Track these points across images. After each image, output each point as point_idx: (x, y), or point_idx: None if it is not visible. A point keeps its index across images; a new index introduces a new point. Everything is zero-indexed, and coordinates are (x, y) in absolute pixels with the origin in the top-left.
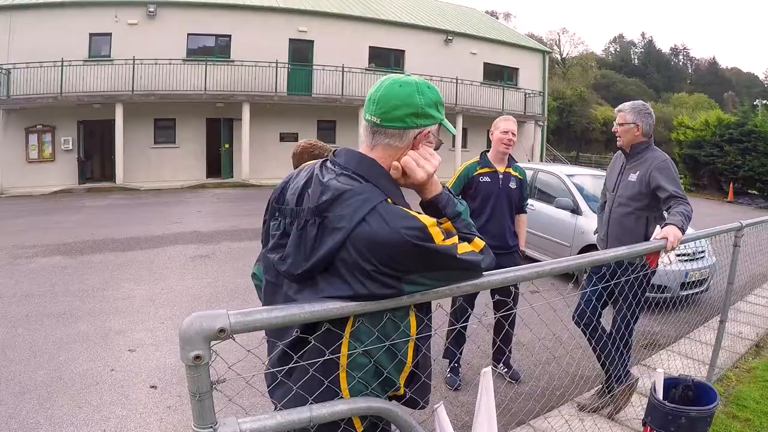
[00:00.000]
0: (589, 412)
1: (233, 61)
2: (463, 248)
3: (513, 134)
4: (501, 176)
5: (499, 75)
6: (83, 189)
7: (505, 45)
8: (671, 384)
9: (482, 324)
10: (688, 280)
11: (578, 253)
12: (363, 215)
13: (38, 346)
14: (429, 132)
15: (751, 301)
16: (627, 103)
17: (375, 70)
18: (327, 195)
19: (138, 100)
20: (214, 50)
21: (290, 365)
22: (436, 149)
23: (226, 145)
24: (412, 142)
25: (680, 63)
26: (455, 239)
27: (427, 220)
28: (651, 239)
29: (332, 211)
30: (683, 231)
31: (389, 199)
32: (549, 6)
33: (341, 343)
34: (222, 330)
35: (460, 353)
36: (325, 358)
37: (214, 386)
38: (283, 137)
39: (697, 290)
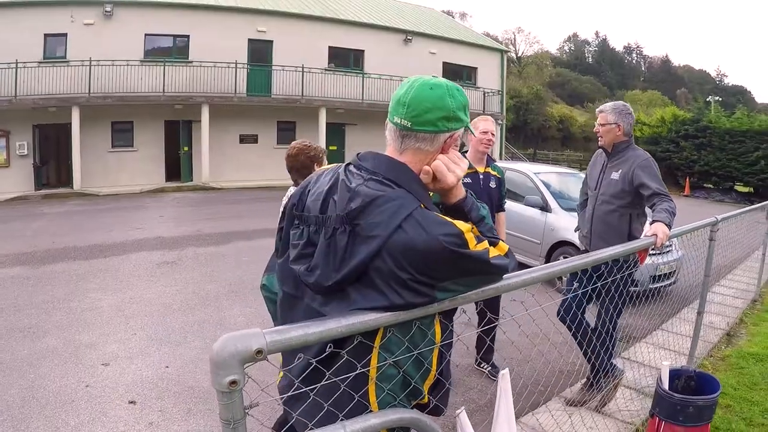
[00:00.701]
0: (575, 406)
1: (192, 61)
2: (493, 253)
3: (492, 134)
4: (482, 176)
5: (458, 74)
6: (40, 195)
7: (464, 44)
8: (674, 375)
9: (471, 323)
10: (657, 273)
11: (549, 250)
12: (399, 222)
13: (6, 363)
14: (458, 136)
15: (719, 292)
16: (608, 104)
17: (335, 71)
18: (357, 201)
19: (95, 102)
20: (173, 51)
21: (324, 382)
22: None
23: (185, 148)
24: (441, 146)
25: (633, 61)
26: (486, 244)
27: (462, 225)
28: (641, 236)
29: (364, 219)
30: (670, 227)
31: (423, 205)
32: (504, 6)
33: (371, 355)
34: (259, 351)
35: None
36: (357, 372)
37: (247, 412)
38: (243, 139)
39: (665, 283)
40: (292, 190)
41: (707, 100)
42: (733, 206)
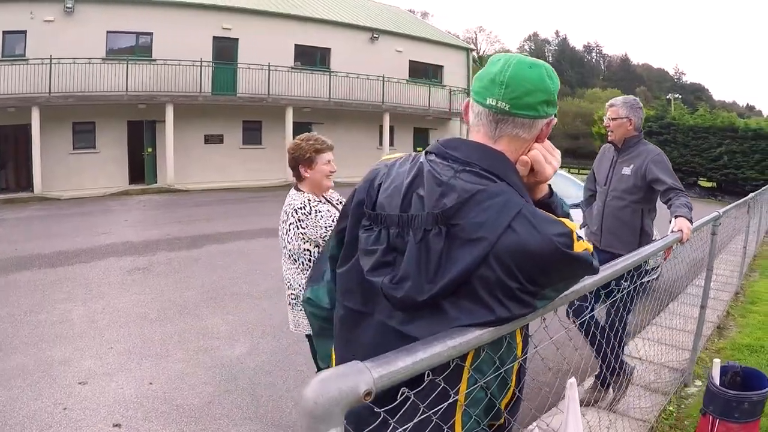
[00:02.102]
0: (587, 405)
1: (155, 60)
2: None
3: None
4: None
5: (424, 73)
6: None
7: (430, 43)
8: (721, 372)
9: None
10: (645, 268)
11: None
12: (509, 221)
13: None
14: (554, 123)
15: (701, 285)
16: (619, 98)
17: (301, 69)
18: (452, 197)
19: (55, 102)
20: (136, 49)
21: (418, 417)
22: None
23: (149, 149)
24: (537, 134)
25: (593, 60)
26: (584, 244)
27: (570, 224)
28: (668, 232)
29: (464, 218)
30: (692, 222)
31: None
32: (466, 5)
33: (463, 379)
34: (368, 393)
35: None
36: (451, 400)
37: None
38: (208, 139)
39: (652, 277)
40: (294, 192)
41: (667, 97)
42: (697, 201)
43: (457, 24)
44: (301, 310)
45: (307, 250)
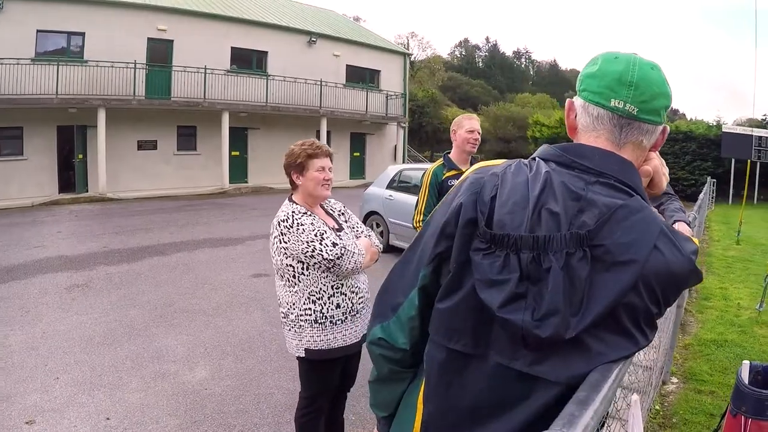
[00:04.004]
0: None
1: (87, 61)
2: None
3: (478, 133)
4: None
5: (361, 77)
6: None
7: (367, 47)
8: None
9: None
10: None
11: None
12: (654, 241)
13: None
14: (667, 131)
15: None
16: None
17: (237, 72)
18: (592, 214)
19: None
20: (67, 49)
21: None
22: None
23: (80, 156)
24: (654, 143)
25: (523, 65)
26: None
27: (695, 239)
28: None
29: (608, 238)
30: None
31: None
32: (398, 10)
33: None
34: None
35: None
36: None
37: None
38: (141, 145)
39: None
40: (285, 203)
41: None
42: None
43: (390, 29)
44: (290, 329)
45: (290, 265)
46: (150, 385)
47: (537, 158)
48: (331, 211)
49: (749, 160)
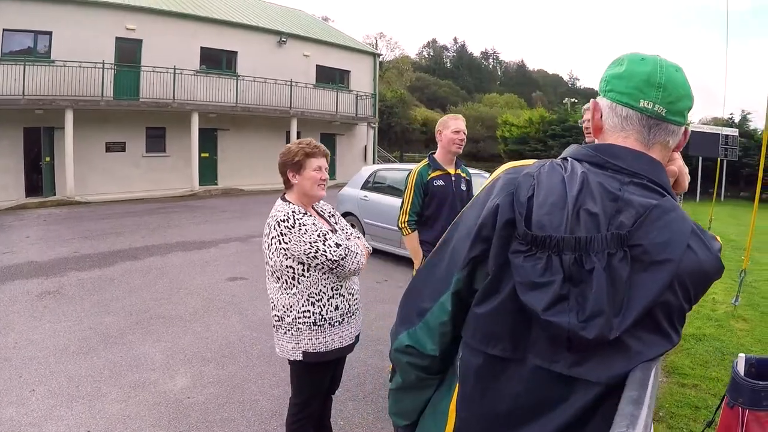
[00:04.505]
0: None
1: (54, 61)
2: None
3: (464, 133)
4: (453, 178)
5: (331, 77)
6: None
7: (337, 47)
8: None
9: None
10: None
11: None
12: (687, 240)
13: None
14: (688, 132)
15: None
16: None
17: (207, 73)
18: (629, 214)
19: None
20: (33, 49)
21: None
22: None
23: (47, 159)
24: (677, 144)
25: (490, 66)
26: None
27: (719, 239)
28: None
29: (644, 238)
30: None
31: None
32: (366, 11)
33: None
34: None
35: None
36: None
37: None
38: (110, 147)
39: None
40: (279, 203)
41: (563, 102)
42: None
43: (358, 30)
44: (285, 333)
45: (290, 267)
46: (130, 395)
47: (569, 158)
48: (321, 213)
49: (718, 159)
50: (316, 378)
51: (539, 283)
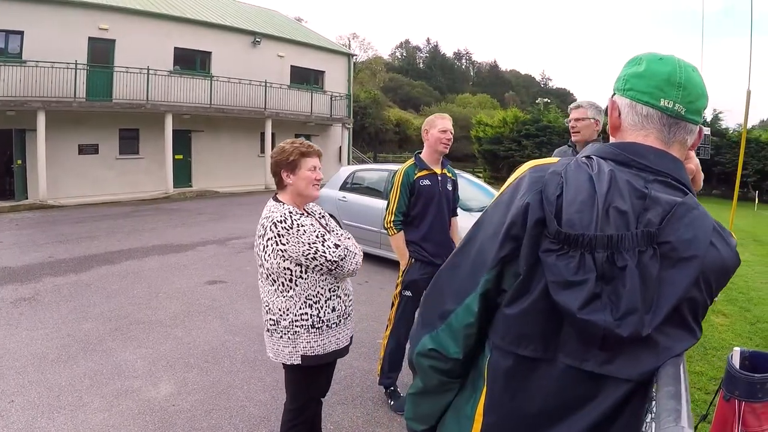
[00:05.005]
0: None
1: (26, 62)
2: None
3: (451, 132)
4: (440, 178)
5: (305, 78)
6: None
7: (312, 48)
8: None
9: None
10: None
11: None
12: (710, 237)
13: None
14: (702, 132)
15: None
16: (584, 100)
17: (181, 73)
18: (656, 211)
19: None
20: (4, 49)
21: None
22: None
23: (19, 161)
24: (693, 142)
25: (463, 66)
26: None
27: (734, 235)
28: None
29: (672, 235)
30: None
31: None
32: (340, 12)
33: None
34: None
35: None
36: None
37: None
38: (82, 149)
39: None
40: (272, 203)
41: (536, 101)
42: None
43: (331, 30)
44: (281, 337)
45: (288, 269)
46: (113, 404)
47: (594, 156)
48: (312, 214)
49: None
50: (314, 381)
51: (573, 281)
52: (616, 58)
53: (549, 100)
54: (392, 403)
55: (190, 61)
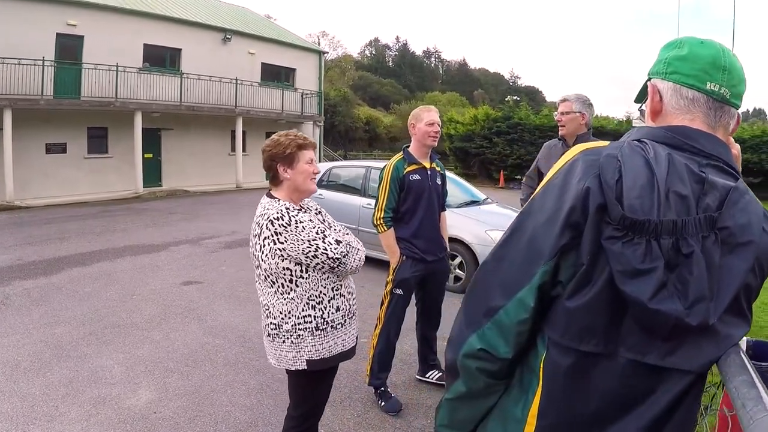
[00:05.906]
0: None
1: None
2: None
3: (439, 125)
4: (429, 172)
5: (276, 75)
6: None
7: (283, 45)
8: None
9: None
10: None
11: None
12: (762, 223)
13: None
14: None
15: None
16: (572, 93)
17: (150, 71)
18: (714, 196)
19: None
20: None
21: None
22: None
23: None
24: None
25: (432, 64)
26: None
27: None
28: None
29: (729, 220)
30: None
31: None
32: (309, 9)
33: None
34: None
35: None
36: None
37: None
38: (50, 148)
39: None
40: (266, 200)
41: (506, 99)
42: None
43: (301, 28)
44: (284, 341)
45: (287, 269)
46: (91, 414)
47: (647, 140)
48: (309, 209)
49: None
50: (321, 386)
51: (642, 270)
52: (584, 56)
53: (519, 98)
54: (383, 404)
55: (160, 58)
